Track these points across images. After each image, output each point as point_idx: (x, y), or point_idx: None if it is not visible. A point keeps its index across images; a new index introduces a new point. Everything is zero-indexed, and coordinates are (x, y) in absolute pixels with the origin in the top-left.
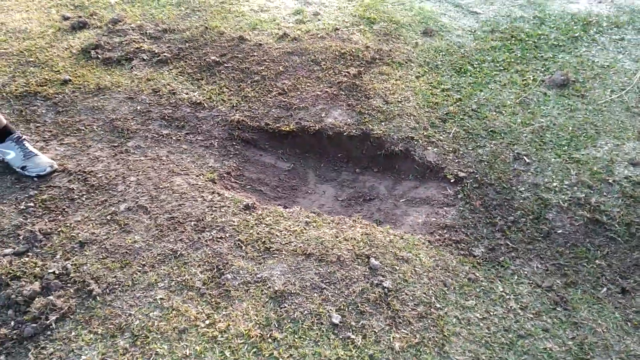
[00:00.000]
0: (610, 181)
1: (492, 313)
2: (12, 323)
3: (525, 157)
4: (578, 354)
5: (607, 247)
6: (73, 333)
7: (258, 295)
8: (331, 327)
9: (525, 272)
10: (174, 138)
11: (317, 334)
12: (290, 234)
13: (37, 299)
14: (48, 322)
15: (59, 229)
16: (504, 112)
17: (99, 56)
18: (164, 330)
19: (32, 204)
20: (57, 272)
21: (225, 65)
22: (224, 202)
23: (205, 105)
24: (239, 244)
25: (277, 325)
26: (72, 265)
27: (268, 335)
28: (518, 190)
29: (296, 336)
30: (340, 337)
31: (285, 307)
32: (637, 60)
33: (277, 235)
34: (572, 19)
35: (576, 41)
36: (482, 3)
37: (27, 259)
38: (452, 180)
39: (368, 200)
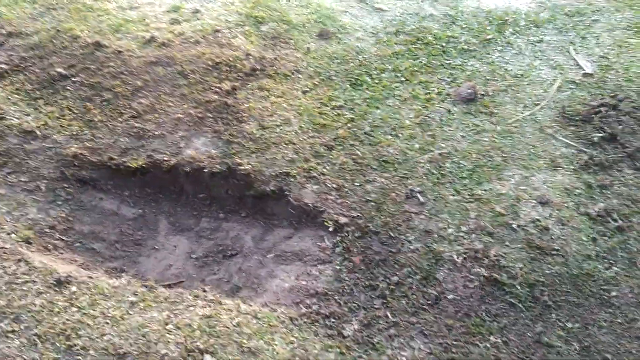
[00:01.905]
0: (514, 226)
1: None
2: None
3: (419, 195)
4: None
5: (505, 316)
6: None
7: None
8: None
9: (404, 358)
10: None
11: None
12: (107, 322)
13: None
14: None
15: None
16: (400, 135)
17: None
18: None
19: None
20: None
21: (73, 79)
22: (30, 274)
23: (38, 133)
24: (34, 340)
25: None
26: None
27: None
28: (407, 240)
29: None
30: None
31: None
32: (555, 66)
33: (88, 324)
34: (486, 17)
35: (489, 44)
36: None
37: None
38: (330, 229)
39: (229, 257)
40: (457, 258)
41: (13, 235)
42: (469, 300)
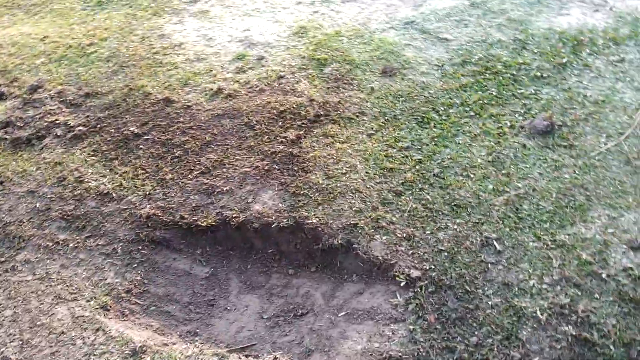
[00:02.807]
0: (603, 276)
1: None
2: None
3: (495, 242)
4: None
5: None
6: None
7: None
8: None
9: None
10: (71, 245)
11: None
12: None
13: None
14: None
15: None
16: (472, 175)
17: (8, 137)
18: None
19: None
20: None
21: (145, 137)
22: (107, 344)
23: (114, 195)
24: None
25: None
26: None
27: None
28: (485, 294)
29: None
30: None
31: None
32: None
33: None
34: (560, 38)
35: (564, 69)
36: (454, 26)
37: None
38: (402, 284)
39: (299, 316)
40: (541, 314)
41: (92, 302)
42: None
